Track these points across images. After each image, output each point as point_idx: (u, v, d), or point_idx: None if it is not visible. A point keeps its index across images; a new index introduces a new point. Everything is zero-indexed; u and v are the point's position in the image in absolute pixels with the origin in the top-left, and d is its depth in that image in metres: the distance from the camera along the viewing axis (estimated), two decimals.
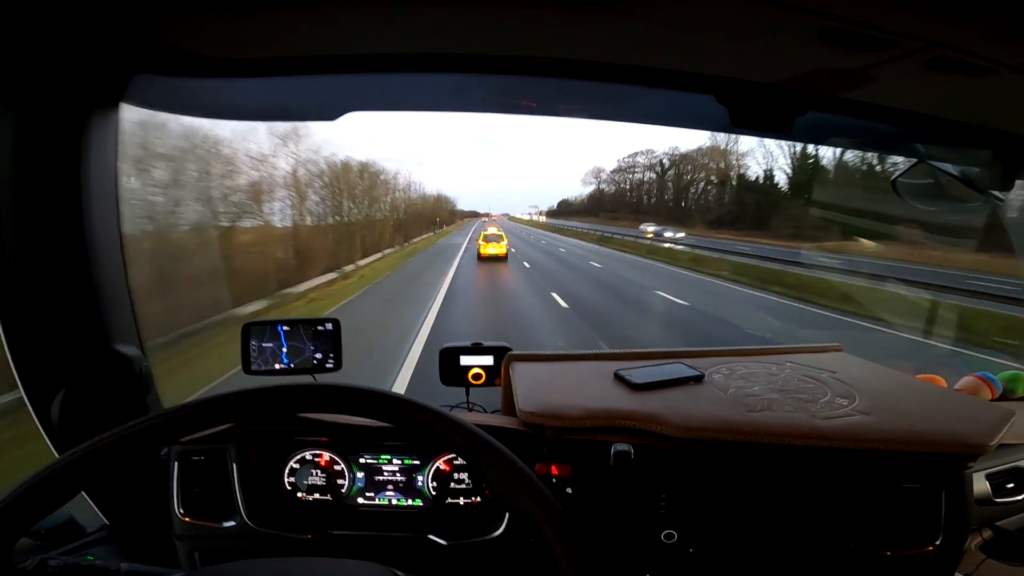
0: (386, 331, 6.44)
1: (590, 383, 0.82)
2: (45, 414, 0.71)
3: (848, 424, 0.68)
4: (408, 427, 0.46)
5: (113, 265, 0.77)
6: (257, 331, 0.85)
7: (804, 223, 14.83)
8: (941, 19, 0.53)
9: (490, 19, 0.66)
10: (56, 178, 0.68)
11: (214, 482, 0.77)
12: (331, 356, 0.87)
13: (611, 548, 0.73)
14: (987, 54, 0.58)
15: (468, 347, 0.95)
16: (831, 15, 0.54)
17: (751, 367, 0.88)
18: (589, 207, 68.99)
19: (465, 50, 0.76)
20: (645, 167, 51.97)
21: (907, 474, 0.70)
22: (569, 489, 0.73)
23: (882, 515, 0.70)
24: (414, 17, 0.66)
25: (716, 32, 0.64)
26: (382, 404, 0.45)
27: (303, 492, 0.82)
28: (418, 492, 0.82)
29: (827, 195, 13.33)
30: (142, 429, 0.43)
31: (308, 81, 0.81)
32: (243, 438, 0.78)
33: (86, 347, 0.74)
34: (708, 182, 42.05)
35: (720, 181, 40.01)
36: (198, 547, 0.77)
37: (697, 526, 0.72)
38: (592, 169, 77.30)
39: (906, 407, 0.73)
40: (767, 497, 0.71)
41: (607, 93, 0.92)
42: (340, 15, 0.65)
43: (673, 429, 0.69)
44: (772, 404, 0.74)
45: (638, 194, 53.56)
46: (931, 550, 0.69)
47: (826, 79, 0.73)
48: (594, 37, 0.70)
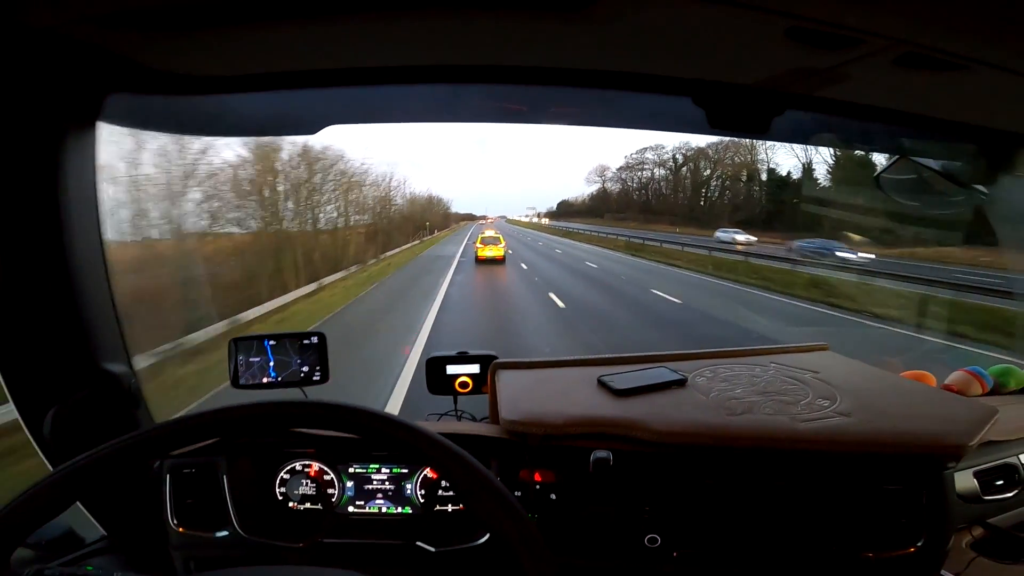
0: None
1: (574, 390, 0.82)
2: (38, 431, 0.72)
3: (827, 426, 0.68)
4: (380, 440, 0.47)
5: (97, 284, 0.78)
6: (244, 346, 0.86)
7: (863, 225, 11.54)
8: (904, 16, 0.53)
9: (471, 31, 0.66)
10: (36, 198, 0.69)
11: (206, 493, 0.78)
12: (318, 369, 0.88)
13: (596, 553, 0.73)
14: (955, 50, 0.58)
15: (454, 356, 0.96)
16: (794, 15, 0.55)
17: (735, 369, 0.88)
18: (592, 207, 64.98)
19: (447, 61, 0.76)
20: (655, 163, 47.84)
21: (888, 475, 0.70)
22: (553, 495, 0.74)
23: (863, 517, 0.70)
24: (393, 30, 0.66)
25: (688, 35, 0.64)
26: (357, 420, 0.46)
27: (294, 502, 0.83)
28: (407, 500, 0.83)
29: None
30: (133, 443, 0.44)
31: (286, 96, 0.81)
32: (233, 450, 0.80)
33: (74, 366, 0.75)
34: (732, 178, 38.02)
35: (748, 177, 35.99)
36: (193, 556, 0.79)
37: (681, 530, 0.72)
38: (596, 167, 71.61)
39: (887, 407, 0.73)
40: (749, 500, 0.72)
41: (590, 99, 0.92)
42: (317, 31, 0.65)
43: (653, 434, 0.69)
44: (753, 407, 0.74)
45: (648, 193, 49.43)
46: (913, 551, 0.69)
47: (799, 78, 0.73)
48: (574, 45, 0.70)
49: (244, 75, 0.76)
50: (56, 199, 0.70)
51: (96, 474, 0.43)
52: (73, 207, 0.72)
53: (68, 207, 0.71)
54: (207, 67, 0.73)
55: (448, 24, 0.64)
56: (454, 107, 0.96)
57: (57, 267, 0.72)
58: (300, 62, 0.75)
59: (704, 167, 40.99)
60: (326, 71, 0.77)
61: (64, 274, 0.72)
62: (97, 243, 0.78)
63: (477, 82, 0.82)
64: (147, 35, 0.63)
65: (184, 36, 0.64)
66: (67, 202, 0.71)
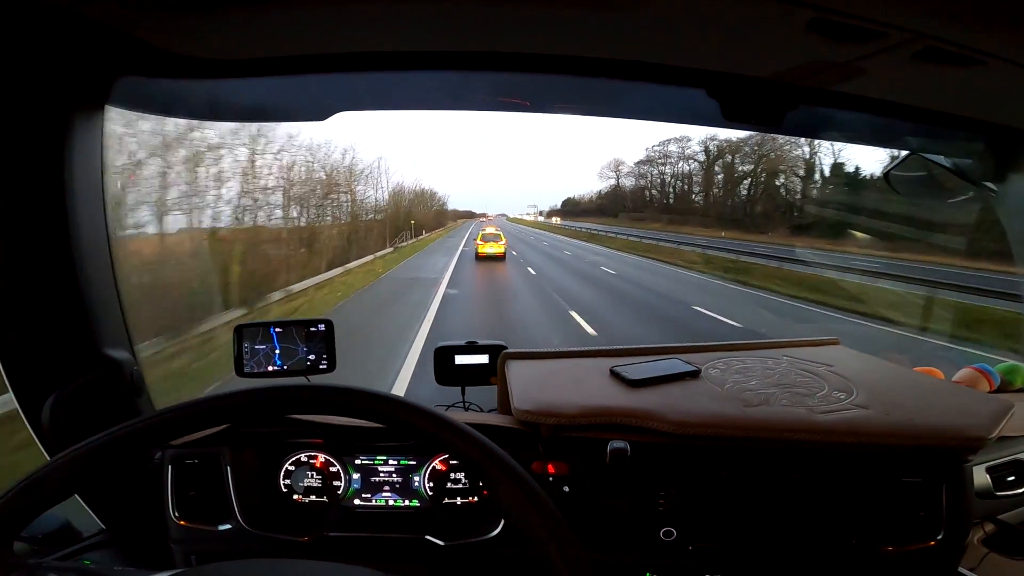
0: None
1: (586, 380, 0.81)
2: (36, 419, 0.70)
3: (846, 418, 0.68)
4: (405, 429, 0.45)
5: (102, 269, 0.76)
6: (250, 333, 0.85)
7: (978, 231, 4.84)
8: (928, 10, 0.53)
9: (481, 16, 0.65)
10: (41, 182, 0.67)
11: (209, 485, 0.76)
12: (324, 357, 0.87)
13: (610, 547, 0.72)
14: (975, 45, 0.58)
15: (463, 346, 0.95)
16: (818, 7, 0.54)
17: (747, 361, 0.87)
18: (604, 206, 57.55)
19: (456, 47, 0.75)
20: (680, 157, 41.38)
21: (907, 468, 0.69)
22: (566, 487, 0.73)
23: (882, 510, 0.69)
24: (402, 15, 0.65)
25: (705, 26, 0.64)
26: (377, 406, 0.45)
27: (299, 494, 0.81)
28: (415, 493, 0.81)
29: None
30: (134, 431, 0.43)
31: (296, 81, 0.80)
32: (237, 441, 0.78)
33: (76, 352, 0.74)
34: (784, 174, 31.70)
35: (805, 174, 29.74)
36: (194, 550, 0.77)
37: (697, 523, 0.71)
38: (610, 162, 63.97)
39: (904, 400, 0.73)
40: (767, 492, 0.71)
41: (599, 89, 0.92)
42: (327, 14, 0.64)
43: (669, 425, 0.68)
44: (769, 399, 0.73)
45: (672, 190, 42.60)
46: (933, 544, 0.68)
47: (816, 72, 0.73)
48: (585, 32, 0.70)
49: (254, 59, 0.75)
50: (62, 181, 0.69)
51: (97, 462, 0.42)
52: (78, 191, 0.71)
53: (74, 189, 0.70)
54: (218, 50, 0.72)
55: (459, 9, 0.64)
56: (463, 94, 0.95)
57: (61, 251, 0.70)
58: (310, 46, 0.74)
59: (741, 161, 34.46)
60: (335, 55, 0.76)
61: (67, 258, 0.71)
62: (102, 227, 0.76)
63: (486, 69, 0.82)
64: (159, 16, 0.62)
65: (196, 17, 0.63)
66: (72, 186, 0.70)
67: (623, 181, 54.29)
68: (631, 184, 52.39)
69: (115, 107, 0.76)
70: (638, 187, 50.30)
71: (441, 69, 0.82)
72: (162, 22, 0.64)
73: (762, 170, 33.18)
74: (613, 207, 53.62)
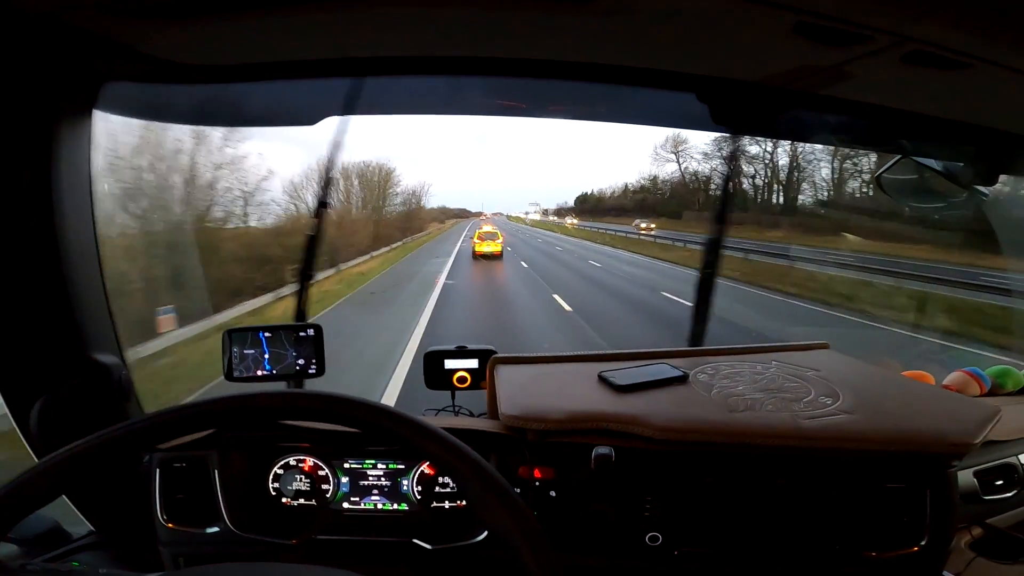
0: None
1: (573, 385, 0.81)
2: (25, 423, 0.71)
3: (831, 423, 0.68)
4: (382, 435, 0.45)
5: (89, 273, 0.76)
6: (238, 337, 0.85)
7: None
8: (912, 14, 0.52)
9: (473, 21, 0.65)
10: (29, 187, 0.68)
11: (197, 488, 0.76)
12: (313, 362, 0.87)
13: (596, 551, 0.72)
14: (962, 48, 0.58)
15: (452, 350, 0.95)
16: (804, 10, 0.54)
17: (736, 366, 0.87)
18: (654, 202, 39.67)
19: (448, 52, 0.75)
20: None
21: (891, 474, 0.69)
22: (553, 492, 0.73)
23: (866, 515, 0.69)
24: (393, 21, 0.65)
25: (695, 30, 0.64)
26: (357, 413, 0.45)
27: (288, 497, 0.82)
28: (403, 496, 0.82)
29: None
30: (122, 434, 0.43)
31: (285, 86, 0.80)
32: (225, 444, 0.78)
33: (64, 356, 0.74)
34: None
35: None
36: (182, 553, 0.77)
37: (682, 528, 0.71)
38: (669, 138, 38.39)
39: (890, 405, 0.73)
40: (751, 498, 0.71)
41: (592, 93, 0.92)
42: (315, 19, 0.64)
43: (655, 431, 0.68)
44: (755, 404, 0.73)
45: (762, 182, 27.42)
46: (916, 550, 0.68)
47: (805, 76, 0.72)
48: (576, 37, 0.70)
49: (243, 64, 0.75)
50: (49, 185, 0.69)
51: (85, 464, 0.42)
52: (66, 194, 0.71)
53: (61, 193, 0.70)
54: (206, 56, 0.72)
55: (450, 14, 0.64)
56: (455, 100, 0.95)
57: (49, 255, 0.70)
58: (299, 52, 0.74)
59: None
60: (325, 61, 0.76)
61: (56, 263, 0.71)
62: (90, 231, 0.76)
63: (478, 74, 0.82)
64: (145, 23, 0.62)
65: (183, 24, 0.63)
66: (60, 188, 0.70)
67: (693, 166, 36.62)
68: (699, 170, 34.95)
69: (103, 111, 0.76)
70: (697, 177, 34.06)
71: (432, 74, 0.82)
72: (148, 29, 0.64)
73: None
74: (666, 204, 36.46)
